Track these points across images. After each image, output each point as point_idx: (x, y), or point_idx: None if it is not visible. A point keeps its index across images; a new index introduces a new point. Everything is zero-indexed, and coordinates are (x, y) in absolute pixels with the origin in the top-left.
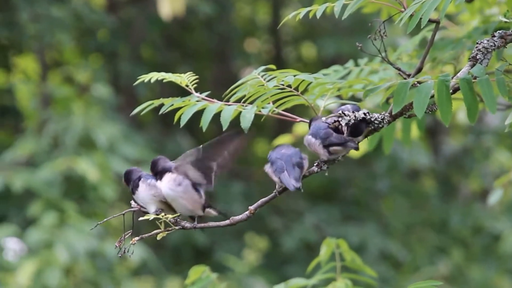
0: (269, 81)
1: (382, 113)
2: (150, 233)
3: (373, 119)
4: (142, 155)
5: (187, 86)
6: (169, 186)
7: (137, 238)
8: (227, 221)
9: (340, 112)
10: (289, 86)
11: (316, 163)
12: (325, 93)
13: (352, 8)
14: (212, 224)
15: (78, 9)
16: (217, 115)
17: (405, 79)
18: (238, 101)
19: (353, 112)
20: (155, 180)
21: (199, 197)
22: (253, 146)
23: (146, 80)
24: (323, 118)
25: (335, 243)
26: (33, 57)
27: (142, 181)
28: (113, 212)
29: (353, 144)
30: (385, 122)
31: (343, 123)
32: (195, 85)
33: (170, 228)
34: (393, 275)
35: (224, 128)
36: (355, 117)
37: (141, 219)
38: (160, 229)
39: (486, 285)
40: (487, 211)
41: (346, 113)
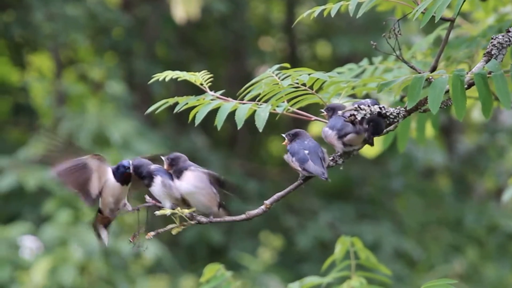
0: (283, 79)
1: (398, 107)
2: (166, 228)
3: (388, 113)
4: (156, 152)
5: (201, 84)
6: (191, 182)
7: (152, 233)
8: (243, 216)
9: (356, 106)
10: (303, 85)
11: (331, 157)
12: (339, 91)
13: (367, 6)
14: (228, 218)
15: (92, 7)
16: (232, 114)
17: None
18: (253, 99)
19: (368, 106)
20: (169, 176)
21: (215, 194)
22: (267, 144)
23: (160, 79)
24: (340, 112)
25: (350, 241)
26: (47, 55)
27: (156, 177)
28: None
29: (368, 135)
30: (400, 116)
31: (359, 117)
32: (210, 83)
33: (186, 223)
34: (408, 274)
35: (239, 127)
36: (370, 111)
37: (157, 213)
38: (175, 224)
39: (500, 283)
40: (502, 209)
41: (362, 107)
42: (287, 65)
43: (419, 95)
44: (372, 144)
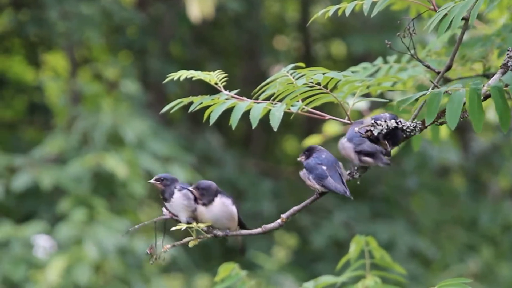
0: (298, 79)
1: (414, 121)
2: (183, 241)
3: (405, 127)
4: (171, 152)
5: (216, 84)
6: (220, 209)
7: (169, 246)
8: (259, 229)
9: (372, 121)
10: (318, 84)
11: (348, 172)
12: (354, 91)
13: (381, 5)
14: (244, 232)
15: (107, 6)
16: (247, 113)
17: (432, 81)
18: (267, 99)
19: (385, 121)
20: (190, 191)
21: (237, 217)
22: (282, 144)
23: (175, 78)
24: (356, 128)
25: (364, 240)
26: (62, 54)
27: (178, 190)
28: (142, 208)
29: (384, 160)
30: (417, 130)
31: (375, 132)
32: (225, 83)
33: (202, 236)
34: (423, 273)
35: (254, 126)
36: (387, 126)
37: (173, 229)
38: (192, 236)
39: None
40: None
41: (379, 122)
42: (302, 64)
43: (436, 110)
44: (389, 155)
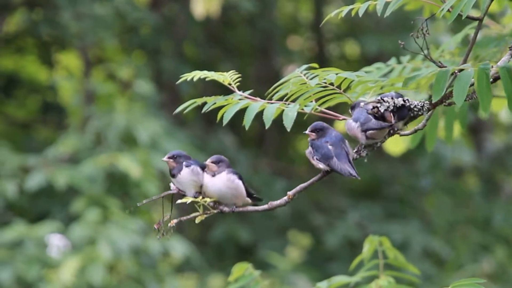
0: (311, 79)
1: (422, 100)
2: (189, 216)
3: (412, 106)
4: (184, 151)
5: (229, 84)
6: (225, 183)
7: (175, 220)
8: (265, 206)
9: (379, 98)
10: (331, 84)
11: (355, 150)
12: (367, 91)
13: (394, 6)
14: (250, 208)
15: (120, 7)
16: (260, 113)
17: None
18: (281, 99)
19: (392, 99)
20: (200, 167)
21: (245, 193)
22: (295, 144)
23: (188, 79)
24: (362, 103)
25: (378, 240)
26: (75, 53)
27: (186, 165)
28: (156, 208)
29: (385, 125)
30: (424, 109)
31: (382, 109)
32: (238, 83)
33: (209, 212)
34: (436, 273)
35: (267, 126)
36: (394, 103)
37: (179, 201)
38: (199, 212)
39: None
40: None
41: (385, 99)
42: (315, 65)
43: (444, 88)
44: (394, 130)
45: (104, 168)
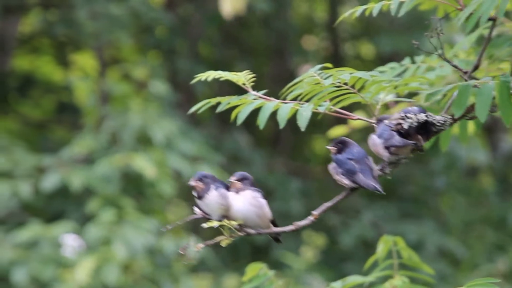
0: (325, 79)
1: (445, 115)
2: (215, 240)
3: (435, 121)
4: (199, 151)
5: (244, 84)
6: (249, 201)
7: (201, 245)
8: (291, 227)
9: (402, 114)
10: (345, 84)
11: (379, 167)
12: (381, 91)
13: (408, 5)
14: (276, 229)
15: (136, 6)
16: (275, 112)
17: (462, 75)
18: (295, 99)
19: (415, 115)
20: (226, 190)
21: (269, 214)
22: (310, 143)
23: (203, 79)
24: (386, 121)
25: (393, 240)
26: (91, 54)
27: (214, 188)
28: (170, 208)
29: (413, 143)
30: (447, 124)
31: (405, 126)
32: (252, 83)
33: (234, 234)
34: (451, 273)
35: (281, 126)
36: (417, 119)
37: (205, 226)
38: (223, 234)
39: None
40: None
41: (409, 115)
42: (329, 65)
43: (466, 103)
44: (422, 151)
45: (119, 168)
